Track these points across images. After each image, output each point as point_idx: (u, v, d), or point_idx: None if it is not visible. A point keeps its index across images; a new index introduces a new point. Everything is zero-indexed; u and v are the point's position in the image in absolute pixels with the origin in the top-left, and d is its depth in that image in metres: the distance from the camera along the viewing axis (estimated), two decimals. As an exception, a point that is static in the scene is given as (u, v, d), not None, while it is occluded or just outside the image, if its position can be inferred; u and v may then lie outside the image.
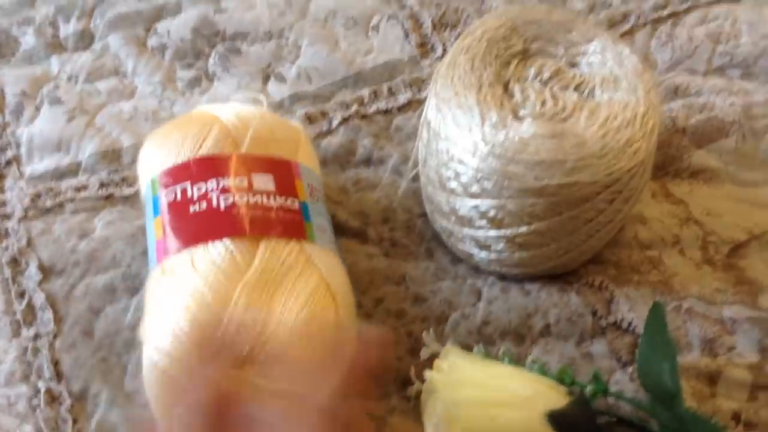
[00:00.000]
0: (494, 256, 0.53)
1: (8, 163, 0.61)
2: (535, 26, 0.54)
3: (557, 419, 0.43)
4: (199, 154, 0.48)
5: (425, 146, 0.53)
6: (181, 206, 0.46)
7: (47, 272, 0.54)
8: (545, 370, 0.48)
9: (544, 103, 0.50)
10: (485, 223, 0.51)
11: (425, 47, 0.68)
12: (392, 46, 0.68)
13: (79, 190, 0.59)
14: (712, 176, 0.62)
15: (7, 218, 0.57)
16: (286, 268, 0.44)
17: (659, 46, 0.70)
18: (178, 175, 0.47)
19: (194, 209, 0.46)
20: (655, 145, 0.51)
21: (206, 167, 0.47)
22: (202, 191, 0.46)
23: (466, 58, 0.52)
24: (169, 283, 0.43)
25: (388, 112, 0.64)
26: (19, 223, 0.57)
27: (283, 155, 0.50)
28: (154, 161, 0.49)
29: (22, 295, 0.53)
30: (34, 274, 0.54)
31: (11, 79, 0.65)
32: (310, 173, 0.51)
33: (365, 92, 0.65)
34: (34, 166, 0.60)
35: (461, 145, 0.49)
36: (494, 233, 0.51)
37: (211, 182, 0.46)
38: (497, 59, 0.52)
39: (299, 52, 0.67)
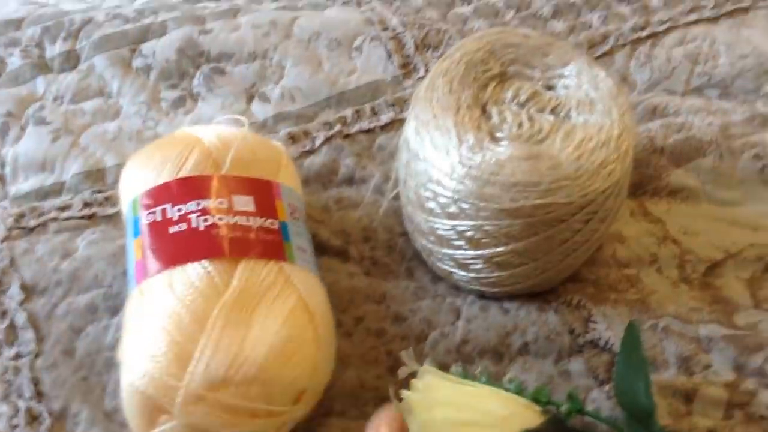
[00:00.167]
0: (473, 275, 0.54)
1: (-7, 182, 0.61)
2: (512, 50, 0.54)
3: None
4: (179, 175, 0.48)
5: (405, 167, 0.54)
6: (160, 227, 0.47)
7: (29, 292, 0.54)
8: (522, 388, 0.49)
9: (520, 125, 0.51)
10: (463, 243, 0.51)
11: (408, 68, 0.69)
12: (375, 66, 0.69)
13: (62, 209, 0.59)
14: (689, 195, 0.63)
15: (-10, 238, 0.58)
16: (264, 288, 0.45)
17: (638, 66, 0.71)
18: (158, 196, 0.48)
19: (174, 230, 0.46)
20: (630, 166, 0.51)
21: (187, 188, 0.48)
22: (182, 212, 0.47)
23: (444, 80, 0.53)
24: (147, 304, 0.44)
25: (370, 131, 0.65)
26: (2, 242, 0.57)
27: (264, 176, 0.51)
28: (135, 182, 0.50)
29: (4, 314, 0.53)
30: (16, 293, 0.54)
31: (-3, 99, 0.66)
32: (291, 193, 0.52)
33: (348, 112, 0.66)
34: (18, 185, 0.61)
35: (439, 166, 0.50)
36: (472, 253, 0.52)
37: (191, 203, 0.47)
38: (475, 82, 0.53)
39: (283, 72, 0.68)
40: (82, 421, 0.49)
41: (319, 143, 0.64)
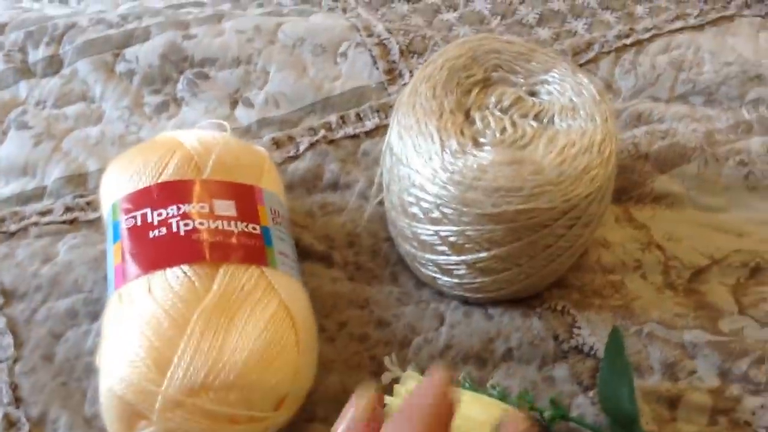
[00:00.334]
0: (456, 281, 0.53)
1: (-26, 187, 0.61)
2: (495, 55, 0.54)
3: None
4: (160, 179, 0.48)
5: (388, 172, 0.54)
6: (140, 232, 0.46)
7: (9, 296, 0.54)
8: (505, 394, 0.48)
9: (503, 130, 0.51)
10: (446, 248, 0.51)
11: (393, 74, 0.69)
12: (360, 72, 0.69)
13: (43, 214, 0.59)
14: (674, 201, 0.63)
15: (-30, 243, 0.57)
16: (245, 293, 0.44)
17: (623, 73, 0.71)
18: (138, 200, 0.47)
19: (154, 235, 0.46)
20: (613, 171, 0.51)
21: (167, 193, 0.47)
22: (162, 217, 0.46)
23: (427, 86, 0.52)
24: (126, 309, 0.43)
25: (355, 137, 0.65)
26: (-18, 247, 0.57)
27: (246, 180, 0.50)
28: (115, 186, 0.49)
29: (-18, 319, 0.53)
30: (-5, 299, 0.54)
31: (-21, 104, 0.66)
32: (273, 198, 0.51)
33: (333, 118, 0.66)
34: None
35: (422, 171, 0.49)
36: (455, 259, 0.51)
37: (171, 208, 0.46)
38: (458, 87, 0.53)
39: (267, 77, 0.68)
40: (61, 426, 0.49)
41: (303, 149, 0.63)
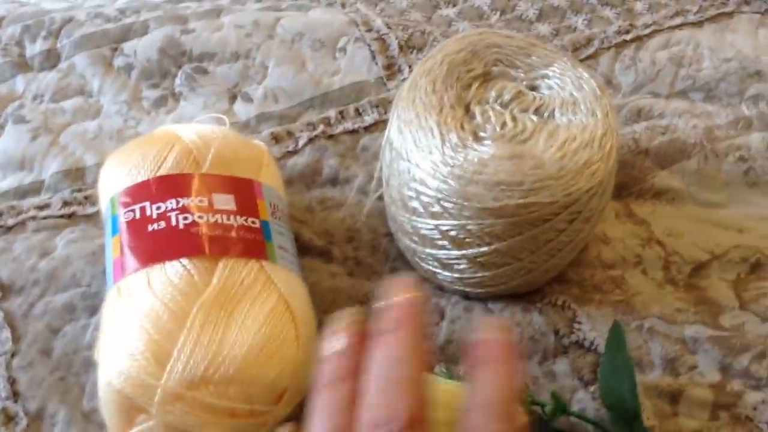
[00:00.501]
0: (457, 275, 0.53)
1: (-29, 181, 0.60)
2: (495, 50, 0.54)
3: None
4: (159, 173, 0.48)
5: (388, 166, 0.54)
6: (139, 225, 0.46)
7: (6, 291, 0.53)
8: None
9: (504, 125, 0.51)
10: (446, 243, 0.51)
11: (392, 69, 0.69)
12: (359, 67, 0.68)
13: (41, 208, 0.58)
14: (674, 197, 0.63)
15: (-33, 237, 0.57)
16: (245, 287, 0.44)
17: (623, 69, 0.71)
18: (137, 194, 0.47)
19: (153, 228, 0.45)
20: (614, 166, 0.51)
21: (166, 186, 0.47)
22: (161, 210, 0.46)
23: (427, 80, 0.52)
24: (124, 302, 0.43)
25: (354, 132, 0.65)
26: (-21, 242, 0.56)
27: (245, 175, 0.50)
28: (114, 180, 0.49)
29: (-20, 314, 0.53)
30: (-8, 293, 0.54)
31: (-24, 98, 0.65)
32: (272, 192, 0.51)
33: (332, 113, 0.65)
34: (-3, 184, 0.60)
35: (422, 166, 0.49)
36: (456, 253, 0.51)
37: (170, 201, 0.46)
38: (458, 82, 0.53)
39: (266, 72, 0.68)
40: (59, 421, 0.48)
41: (302, 144, 0.63)
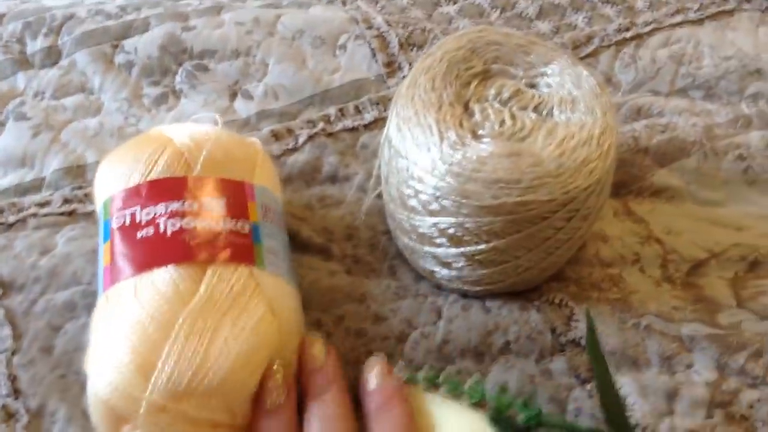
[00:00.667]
0: (455, 273, 0.53)
1: (-28, 178, 0.60)
2: (495, 48, 0.54)
3: None
4: (150, 177, 0.47)
5: (387, 164, 0.54)
6: (129, 232, 0.45)
7: (7, 288, 0.54)
8: (484, 393, 0.48)
9: (503, 122, 0.51)
10: (445, 240, 0.51)
11: (392, 66, 0.69)
12: (359, 65, 0.68)
13: (42, 206, 0.59)
14: (673, 195, 0.63)
15: (-32, 234, 0.57)
16: (233, 296, 0.43)
17: (623, 67, 0.71)
18: (128, 199, 0.46)
19: (141, 235, 0.45)
20: (612, 164, 0.51)
21: (156, 191, 0.46)
22: (150, 216, 0.45)
23: (426, 78, 0.52)
24: (112, 312, 0.43)
25: (354, 129, 0.65)
26: (-20, 239, 0.56)
27: (238, 176, 0.49)
28: (107, 184, 0.48)
29: (-20, 311, 0.53)
30: (-7, 290, 0.54)
31: (-23, 95, 0.65)
32: (265, 193, 0.51)
33: (332, 110, 0.65)
34: (-3, 181, 0.60)
35: (420, 163, 0.49)
36: (454, 251, 0.51)
37: (159, 206, 0.45)
38: (457, 79, 0.53)
39: (266, 70, 0.68)
40: (59, 419, 0.49)
41: (302, 141, 0.63)
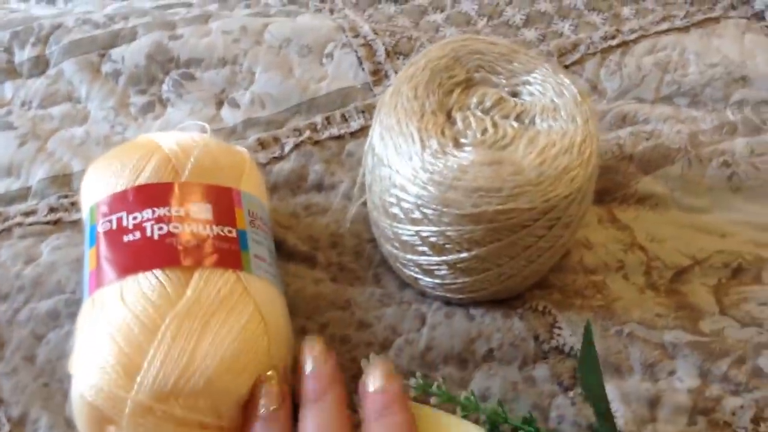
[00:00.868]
0: (438, 281, 0.53)
1: (-42, 187, 0.61)
2: (477, 56, 0.55)
3: None
4: (137, 183, 0.47)
5: (370, 172, 0.54)
6: (115, 236, 0.46)
7: (-9, 297, 0.54)
8: (478, 404, 0.48)
9: (485, 131, 0.51)
10: (427, 249, 0.51)
11: (379, 75, 0.69)
12: (346, 73, 0.69)
13: (27, 214, 0.59)
14: (658, 202, 0.63)
15: (-46, 243, 0.57)
16: (220, 298, 0.44)
17: (608, 74, 0.71)
18: (114, 204, 0.47)
19: (128, 239, 0.45)
20: (593, 172, 0.52)
21: (143, 196, 0.47)
22: (137, 221, 0.46)
23: (409, 86, 0.53)
24: (97, 315, 0.43)
25: (340, 138, 0.65)
26: (-35, 248, 0.57)
27: (225, 183, 0.50)
28: (93, 190, 0.49)
29: (-36, 320, 0.53)
30: (-23, 299, 0.54)
31: (-36, 104, 0.66)
32: (252, 200, 0.51)
33: (318, 118, 0.66)
34: (-16, 190, 0.60)
35: (402, 172, 0.50)
36: (436, 259, 0.52)
37: (146, 212, 0.46)
38: (440, 88, 0.53)
39: (253, 78, 0.68)
40: (41, 427, 0.49)
41: (288, 149, 0.64)
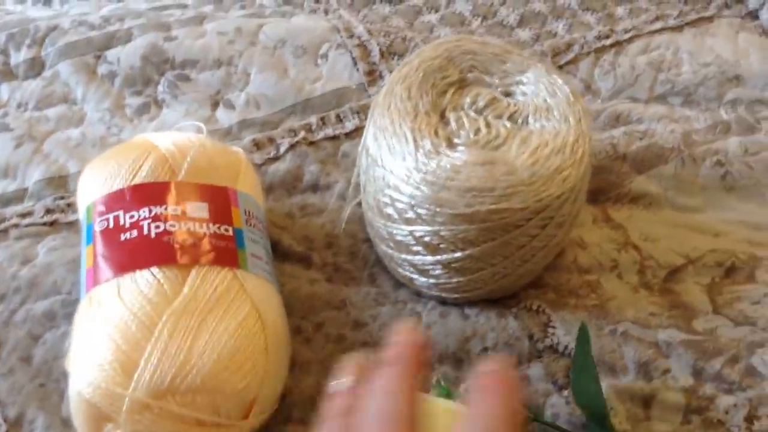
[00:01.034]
0: (433, 281, 0.54)
1: (-45, 189, 0.61)
2: (471, 57, 0.55)
3: None
4: (134, 182, 0.48)
5: (364, 173, 0.54)
6: (112, 234, 0.46)
7: (-13, 298, 0.54)
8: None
9: (478, 131, 0.51)
10: (421, 249, 0.52)
11: (373, 75, 0.69)
12: (341, 74, 0.69)
13: (24, 216, 0.59)
14: (651, 202, 0.63)
15: (-49, 244, 0.57)
16: (217, 296, 0.44)
17: (602, 74, 0.71)
18: (111, 203, 0.47)
19: (125, 237, 0.46)
20: (586, 172, 0.52)
21: (140, 195, 0.47)
22: (134, 219, 0.46)
23: (402, 87, 0.53)
24: (95, 312, 0.43)
25: (335, 138, 0.65)
26: (-38, 249, 0.57)
27: (221, 182, 0.50)
28: (90, 189, 0.49)
29: (-39, 321, 0.53)
30: (-26, 300, 0.54)
31: (-39, 106, 0.66)
32: (248, 200, 0.51)
33: (313, 119, 0.66)
34: (-20, 192, 0.60)
35: (396, 172, 0.50)
36: (430, 259, 0.52)
37: (143, 210, 0.46)
38: (434, 88, 0.53)
39: (248, 79, 0.68)
40: (38, 427, 0.49)
41: (283, 150, 0.64)
